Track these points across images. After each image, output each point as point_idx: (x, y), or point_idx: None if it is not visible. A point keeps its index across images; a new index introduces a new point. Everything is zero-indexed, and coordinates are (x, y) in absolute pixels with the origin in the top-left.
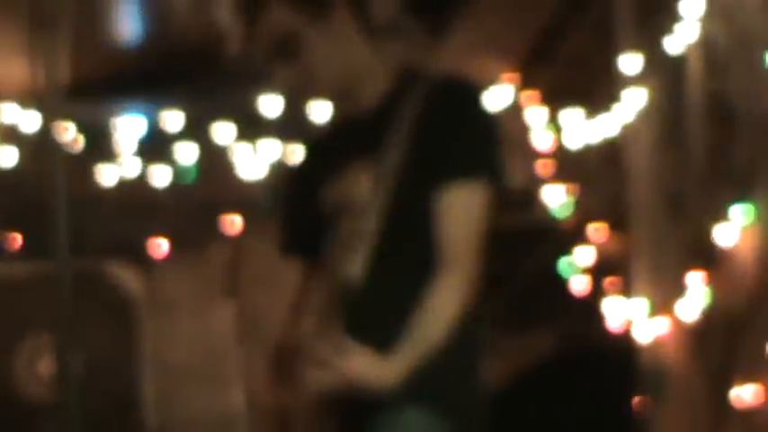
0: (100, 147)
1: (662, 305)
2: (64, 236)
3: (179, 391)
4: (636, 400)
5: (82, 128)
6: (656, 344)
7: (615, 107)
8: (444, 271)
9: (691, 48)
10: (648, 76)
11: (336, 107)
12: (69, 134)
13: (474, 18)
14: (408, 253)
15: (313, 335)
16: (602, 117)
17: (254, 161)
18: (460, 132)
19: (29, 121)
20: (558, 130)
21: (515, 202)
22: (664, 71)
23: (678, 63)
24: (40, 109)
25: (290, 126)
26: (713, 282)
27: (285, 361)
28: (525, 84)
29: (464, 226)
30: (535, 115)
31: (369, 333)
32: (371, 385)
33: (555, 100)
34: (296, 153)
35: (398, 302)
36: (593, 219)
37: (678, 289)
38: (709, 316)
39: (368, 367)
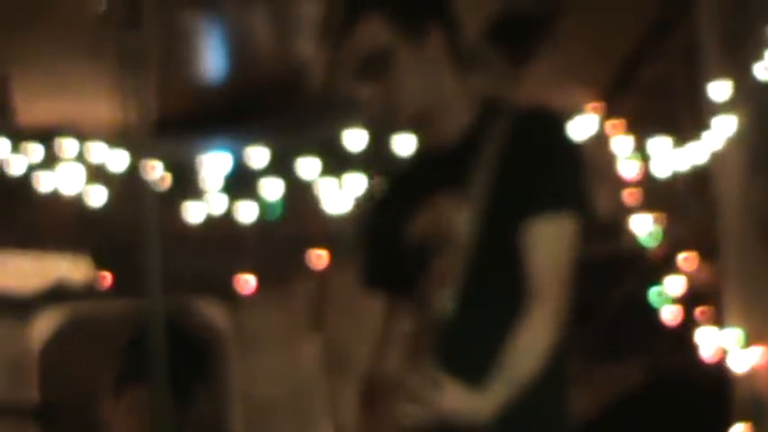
0: (186, 184)
1: (756, 335)
2: (156, 275)
3: (267, 425)
4: (729, 430)
5: (168, 166)
6: (752, 374)
7: (704, 135)
8: (534, 304)
9: None
10: (738, 102)
11: (419, 139)
12: (156, 172)
13: (557, 47)
14: (498, 286)
15: (403, 369)
16: (691, 145)
17: (340, 195)
18: (547, 165)
19: (116, 160)
20: (645, 158)
21: (603, 232)
22: (753, 98)
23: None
24: (126, 148)
25: (375, 160)
26: None
27: (374, 396)
28: (610, 113)
29: (553, 259)
30: (621, 144)
31: (460, 367)
32: (464, 420)
33: (641, 129)
34: (379, 186)
35: (489, 336)
36: (683, 248)
37: None
38: None
39: (461, 402)
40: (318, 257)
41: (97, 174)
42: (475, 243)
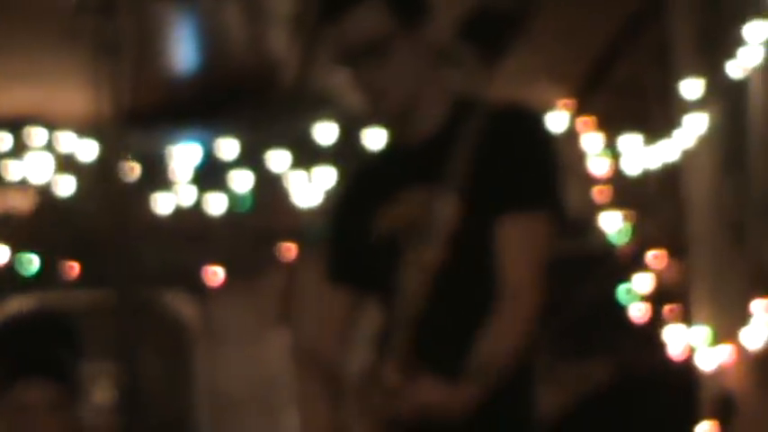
0: (156, 175)
1: (724, 333)
2: (126, 265)
3: (233, 418)
4: (697, 428)
5: (138, 156)
6: (720, 372)
7: (675, 133)
8: (507, 301)
9: (753, 72)
10: (709, 101)
11: (390, 134)
12: (126, 163)
13: (530, 44)
14: (471, 281)
15: (373, 363)
16: (662, 143)
17: (309, 188)
18: (523, 163)
19: (86, 150)
20: (615, 156)
21: (572, 229)
22: (725, 96)
23: (740, 88)
24: (96, 138)
25: (345, 153)
26: None
27: (342, 390)
28: (581, 110)
29: (526, 257)
30: (592, 141)
31: (432, 360)
32: (440, 412)
33: (612, 126)
34: (345, 180)
35: (461, 330)
36: (652, 245)
37: (741, 317)
38: None
39: (437, 395)
40: (287, 250)
41: (66, 164)
42: (449, 238)
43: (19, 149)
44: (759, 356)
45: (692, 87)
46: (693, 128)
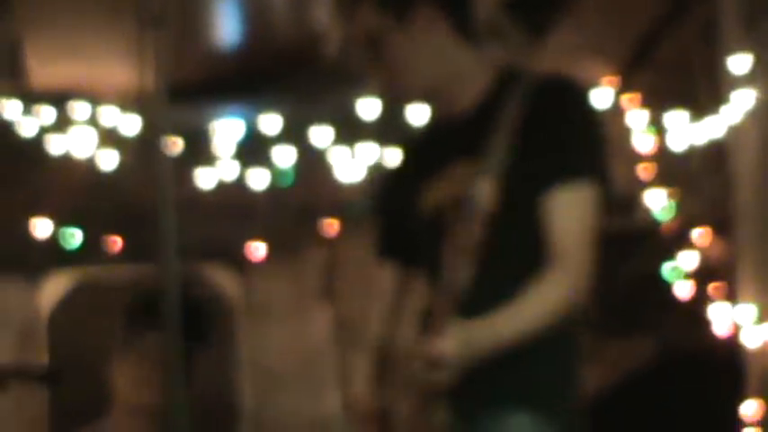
0: (199, 150)
1: None
2: (170, 240)
3: (276, 394)
4: (743, 405)
5: (181, 131)
6: (766, 349)
7: (722, 109)
8: (554, 265)
9: None
10: (757, 76)
11: (434, 109)
12: (170, 137)
13: (575, 20)
14: (519, 255)
15: (418, 340)
16: (708, 120)
17: (352, 164)
18: (569, 134)
19: (129, 124)
20: (660, 133)
21: (617, 206)
22: None
23: None
24: (140, 112)
25: (388, 129)
26: None
27: (387, 366)
28: (626, 87)
29: (575, 226)
30: (637, 118)
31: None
32: (460, 352)
33: (657, 103)
34: (393, 156)
35: (493, 304)
36: (698, 223)
37: None
38: None
39: (454, 332)
40: (330, 225)
41: (109, 138)
42: (495, 212)
43: (63, 123)
44: None
45: (739, 63)
46: (740, 104)
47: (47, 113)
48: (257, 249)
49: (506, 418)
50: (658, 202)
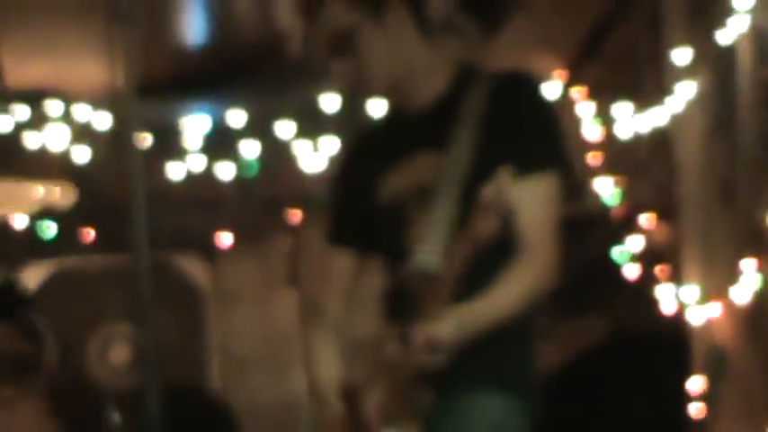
0: (168, 144)
1: (714, 291)
2: (142, 230)
3: (244, 374)
4: (689, 380)
5: (151, 127)
6: (710, 326)
7: (667, 100)
8: (524, 255)
9: (741, 39)
10: (699, 68)
11: (392, 103)
12: (140, 133)
13: (526, 15)
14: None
15: (379, 325)
16: (653, 110)
17: (315, 156)
18: (530, 125)
19: (101, 120)
20: (608, 123)
21: (569, 193)
22: (714, 62)
23: (728, 54)
24: (111, 109)
25: (349, 123)
26: (765, 268)
27: (355, 347)
28: (575, 79)
29: (539, 214)
30: (585, 109)
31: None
32: (450, 333)
33: (605, 95)
34: (344, 147)
35: (472, 291)
36: (644, 208)
37: (730, 275)
38: (762, 300)
39: (448, 318)
40: (294, 215)
41: (82, 133)
42: (457, 201)
43: (38, 120)
44: (747, 312)
45: (682, 56)
46: (684, 94)
47: (22, 111)
48: (225, 238)
49: (478, 396)
50: (607, 189)
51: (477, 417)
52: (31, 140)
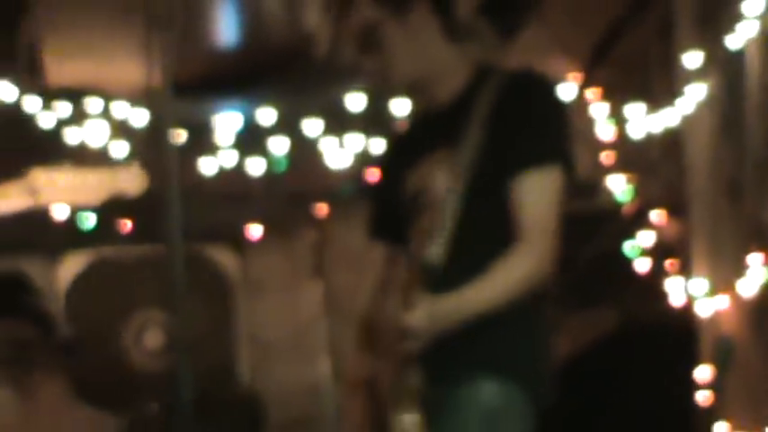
0: (201, 141)
1: (722, 284)
2: (176, 222)
3: (270, 361)
4: (697, 370)
5: (185, 124)
6: (717, 318)
7: (677, 102)
8: (521, 245)
9: (750, 43)
10: (708, 70)
11: (415, 102)
12: (175, 129)
13: (541, 22)
14: (488, 233)
15: (399, 311)
16: (664, 110)
17: (340, 153)
18: (535, 122)
19: (138, 117)
20: (620, 123)
21: (583, 190)
22: (724, 66)
23: (737, 58)
24: (148, 106)
25: (374, 121)
26: None
27: (373, 335)
28: (589, 82)
29: (541, 209)
30: (599, 110)
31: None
32: (420, 321)
33: (617, 96)
34: (378, 146)
35: (466, 280)
36: (655, 205)
37: (737, 269)
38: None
39: (422, 306)
40: (320, 208)
41: (120, 129)
42: (466, 196)
43: (78, 117)
44: (753, 304)
45: (692, 59)
46: (694, 96)
47: (63, 108)
48: (254, 230)
49: (477, 383)
50: (619, 186)
51: (475, 402)
52: (71, 136)
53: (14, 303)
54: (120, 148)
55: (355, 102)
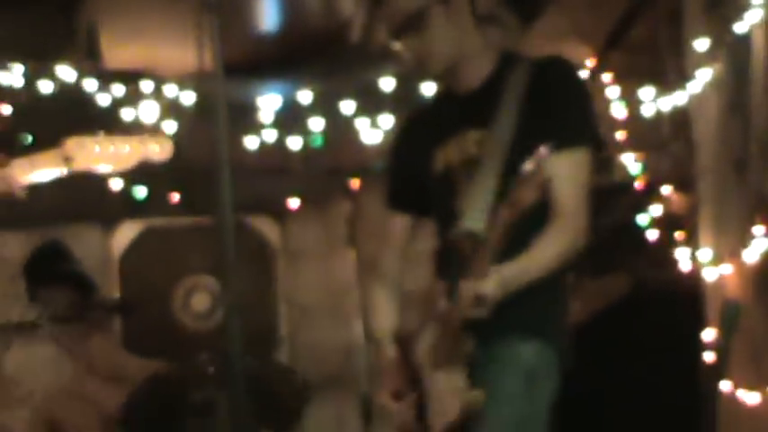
0: (245, 119)
1: (726, 253)
2: (226, 193)
3: (309, 325)
4: (704, 332)
5: (230, 104)
6: (723, 284)
7: (687, 84)
8: (558, 219)
9: (755, 27)
10: (716, 54)
11: (443, 85)
12: (221, 109)
13: (558, 10)
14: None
15: (428, 281)
16: (675, 92)
17: (373, 131)
18: (567, 105)
19: (187, 98)
20: (633, 104)
21: (599, 166)
22: (730, 50)
23: (743, 43)
24: (195, 88)
25: (404, 102)
26: None
27: (408, 301)
28: (603, 67)
29: (573, 184)
30: (613, 92)
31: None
32: (494, 289)
33: (630, 80)
34: (398, 123)
35: (514, 253)
36: (665, 180)
37: (741, 239)
38: None
39: (493, 276)
40: (354, 183)
41: (171, 109)
42: (499, 173)
43: (132, 97)
44: (756, 272)
45: (701, 44)
46: (702, 79)
47: (118, 89)
48: (294, 202)
49: (518, 344)
50: (632, 163)
51: (514, 361)
52: (126, 115)
53: (54, 270)
54: (170, 126)
55: (387, 84)
